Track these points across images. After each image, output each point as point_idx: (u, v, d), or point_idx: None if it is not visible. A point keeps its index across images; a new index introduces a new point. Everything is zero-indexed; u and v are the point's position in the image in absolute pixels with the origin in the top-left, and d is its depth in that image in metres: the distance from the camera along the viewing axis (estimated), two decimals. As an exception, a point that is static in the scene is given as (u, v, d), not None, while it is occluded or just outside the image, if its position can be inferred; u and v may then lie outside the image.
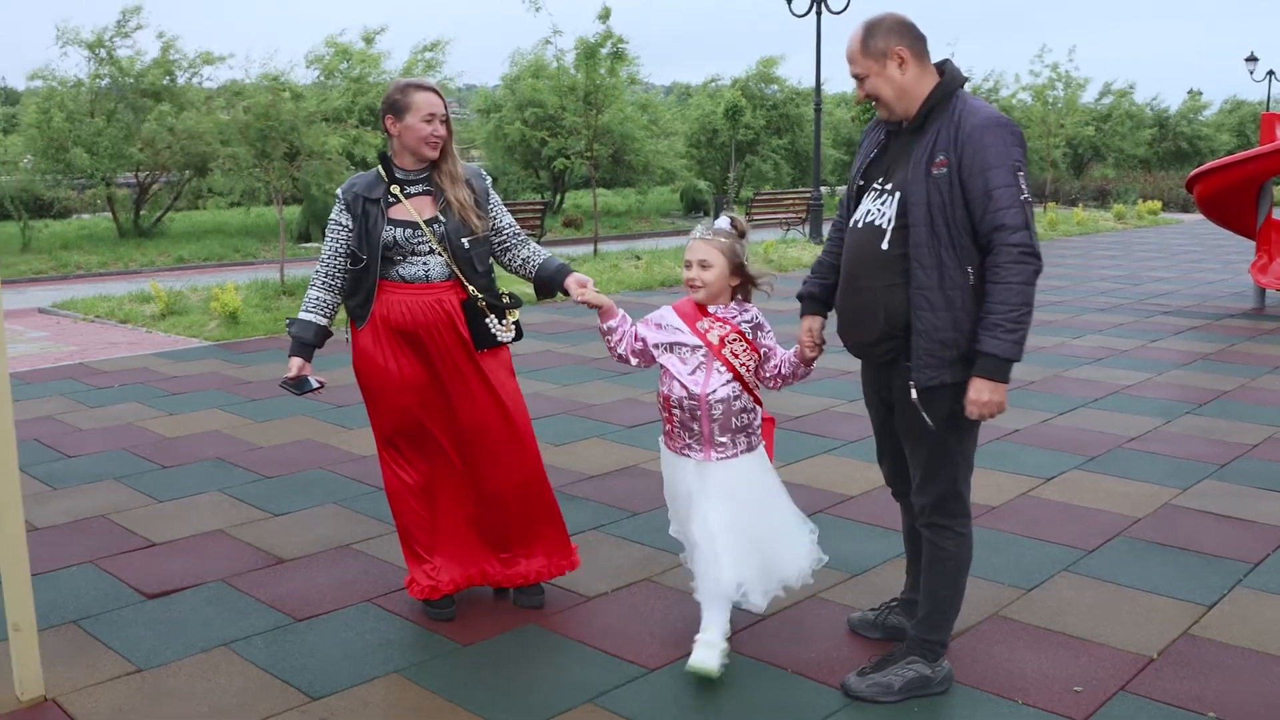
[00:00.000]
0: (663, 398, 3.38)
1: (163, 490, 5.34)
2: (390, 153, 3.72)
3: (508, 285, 4.19)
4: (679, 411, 3.33)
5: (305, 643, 3.67)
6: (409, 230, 3.62)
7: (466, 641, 3.67)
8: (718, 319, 3.34)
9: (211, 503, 5.15)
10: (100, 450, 6.09)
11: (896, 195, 3.05)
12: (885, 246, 3.05)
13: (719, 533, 3.26)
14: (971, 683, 3.32)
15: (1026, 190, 2.95)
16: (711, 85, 32.88)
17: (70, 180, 22.69)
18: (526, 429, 3.81)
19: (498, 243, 3.82)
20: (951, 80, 3.05)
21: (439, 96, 3.64)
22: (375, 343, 3.67)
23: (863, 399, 3.46)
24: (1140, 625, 3.71)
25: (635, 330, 3.45)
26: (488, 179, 3.89)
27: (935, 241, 2.96)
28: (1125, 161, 39.36)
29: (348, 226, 3.68)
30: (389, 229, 3.62)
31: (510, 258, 3.87)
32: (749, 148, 30.73)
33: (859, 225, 3.17)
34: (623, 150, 25.40)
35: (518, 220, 15.97)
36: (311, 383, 3.74)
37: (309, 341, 3.72)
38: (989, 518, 4.75)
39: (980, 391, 2.97)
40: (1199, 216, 22.25)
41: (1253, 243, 11.71)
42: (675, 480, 3.44)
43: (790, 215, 21.65)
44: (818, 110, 20.95)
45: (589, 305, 3.51)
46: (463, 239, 3.66)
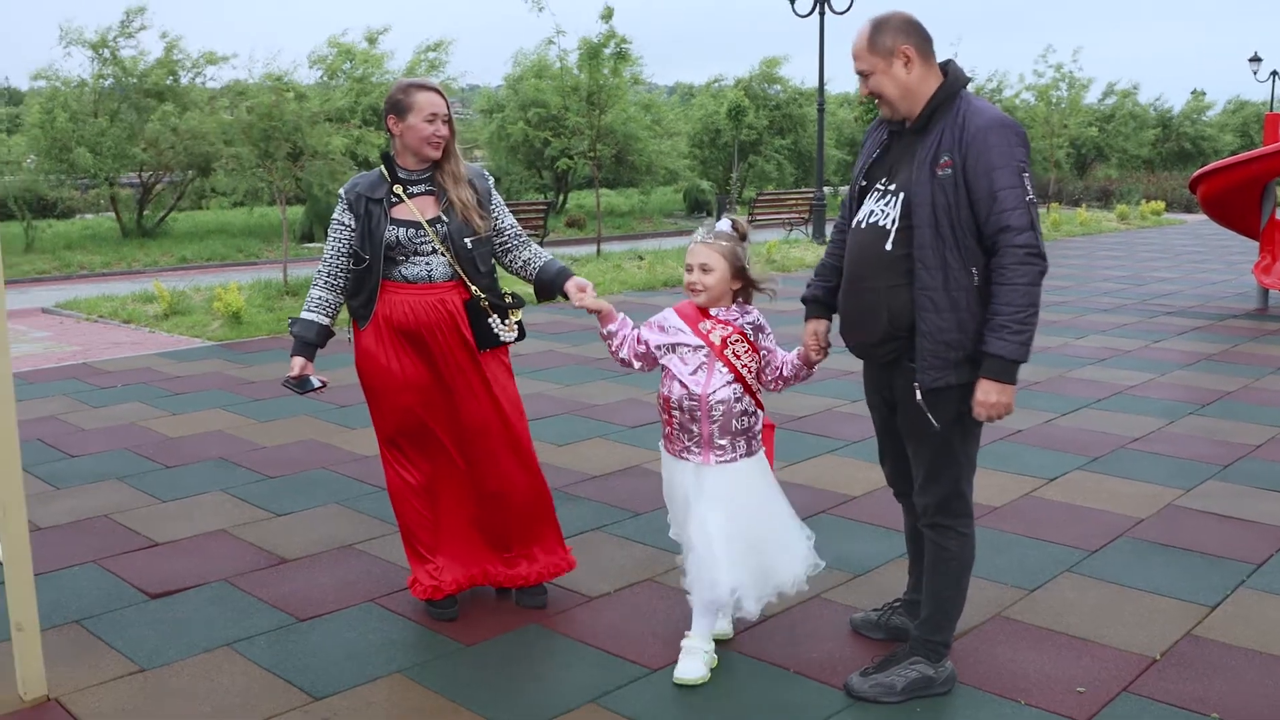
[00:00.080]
0: (663, 399, 3.37)
1: (165, 490, 5.35)
2: (393, 153, 3.72)
3: (510, 285, 4.19)
4: (679, 413, 3.32)
5: (308, 643, 3.67)
6: (412, 230, 3.62)
7: (469, 641, 3.67)
8: (719, 320, 3.33)
9: (214, 503, 5.15)
10: (103, 450, 6.10)
11: (900, 196, 3.04)
12: (889, 247, 3.05)
13: (716, 537, 3.24)
14: (974, 683, 3.32)
15: (1031, 191, 2.95)
16: (714, 85, 32.87)
17: (74, 180, 22.78)
18: (524, 432, 3.81)
19: (499, 244, 3.82)
20: (955, 81, 3.04)
21: (441, 96, 3.64)
22: (378, 343, 3.67)
23: (865, 399, 3.46)
24: (1143, 626, 3.71)
25: (638, 334, 3.44)
26: (490, 179, 3.89)
27: (940, 243, 2.95)
28: (1128, 162, 39.34)
29: (350, 226, 3.68)
30: (392, 229, 3.62)
31: (511, 259, 3.86)
32: (752, 148, 30.73)
33: (862, 226, 3.16)
34: (626, 150, 25.40)
35: (521, 221, 16.00)
36: (314, 382, 3.74)
37: (311, 341, 3.72)
38: (992, 518, 4.74)
39: (988, 393, 2.97)
40: (1202, 217, 22.23)
41: (1256, 243, 11.69)
42: (673, 484, 3.43)
43: (793, 215, 21.66)
44: (821, 110, 20.93)
45: (588, 310, 3.51)
46: (465, 239, 3.65)
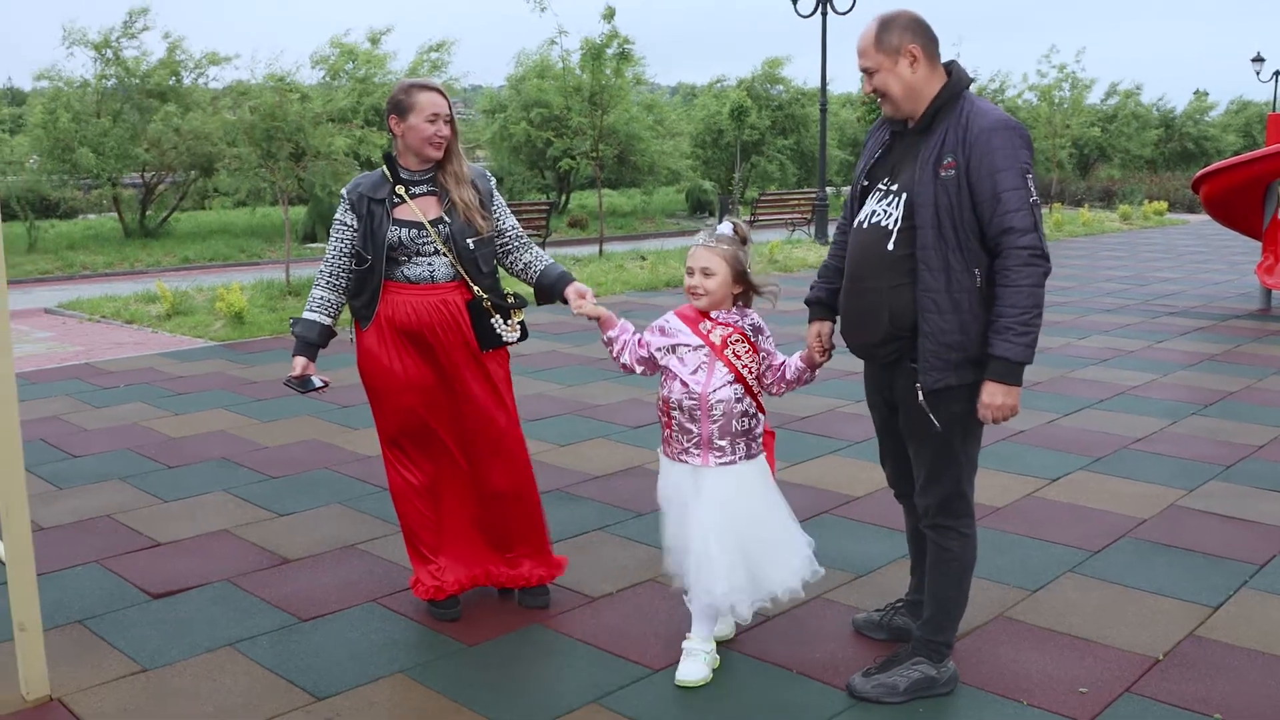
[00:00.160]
0: (662, 400, 3.34)
1: (168, 490, 5.35)
2: (395, 153, 3.72)
3: (512, 286, 4.18)
4: (678, 413, 3.30)
5: (310, 643, 3.67)
6: (414, 231, 3.62)
7: (471, 642, 3.67)
8: (719, 322, 3.32)
9: (216, 503, 5.16)
10: (105, 450, 6.11)
11: (903, 196, 3.04)
12: (891, 247, 3.04)
13: (714, 540, 3.23)
14: (976, 684, 3.31)
15: (1035, 193, 2.95)
16: (717, 86, 32.87)
17: (76, 180, 22.79)
18: (519, 434, 3.83)
19: (500, 245, 3.82)
20: (959, 81, 3.04)
21: (443, 96, 3.63)
22: (380, 343, 3.67)
23: (866, 400, 3.45)
24: (1146, 626, 3.71)
25: (639, 338, 3.42)
26: (492, 180, 3.88)
27: (943, 244, 2.95)
28: (1131, 162, 39.29)
29: (353, 226, 3.68)
30: (394, 229, 3.61)
31: (512, 261, 3.86)
32: (754, 148, 30.72)
33: (864, 225, 3.16)
34: (628, 151, 25.42)
35: (523, 221, 15.93)
36: (315, 382, 3.74)
37: (313, 341, 3.72)
38: (994, 519, 4.74)
39: (993, 395, 2.96)
40: (1205, 217, 22.19)
41: (1259, 243, 11.67)
42: (670, 486, 3.40)
43: (795, 216, 21.66)
44: (823, 111, 20.94)
45: (588, 317, 3.50)
46: (468, 239, 3.65)
